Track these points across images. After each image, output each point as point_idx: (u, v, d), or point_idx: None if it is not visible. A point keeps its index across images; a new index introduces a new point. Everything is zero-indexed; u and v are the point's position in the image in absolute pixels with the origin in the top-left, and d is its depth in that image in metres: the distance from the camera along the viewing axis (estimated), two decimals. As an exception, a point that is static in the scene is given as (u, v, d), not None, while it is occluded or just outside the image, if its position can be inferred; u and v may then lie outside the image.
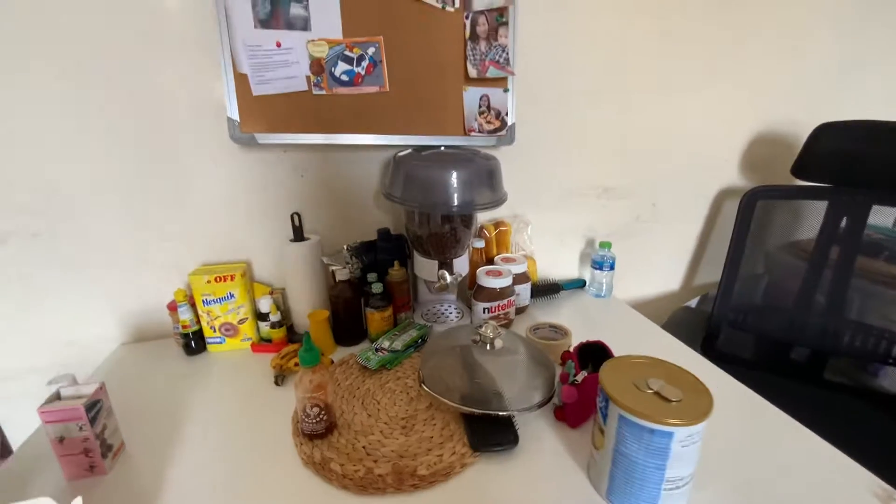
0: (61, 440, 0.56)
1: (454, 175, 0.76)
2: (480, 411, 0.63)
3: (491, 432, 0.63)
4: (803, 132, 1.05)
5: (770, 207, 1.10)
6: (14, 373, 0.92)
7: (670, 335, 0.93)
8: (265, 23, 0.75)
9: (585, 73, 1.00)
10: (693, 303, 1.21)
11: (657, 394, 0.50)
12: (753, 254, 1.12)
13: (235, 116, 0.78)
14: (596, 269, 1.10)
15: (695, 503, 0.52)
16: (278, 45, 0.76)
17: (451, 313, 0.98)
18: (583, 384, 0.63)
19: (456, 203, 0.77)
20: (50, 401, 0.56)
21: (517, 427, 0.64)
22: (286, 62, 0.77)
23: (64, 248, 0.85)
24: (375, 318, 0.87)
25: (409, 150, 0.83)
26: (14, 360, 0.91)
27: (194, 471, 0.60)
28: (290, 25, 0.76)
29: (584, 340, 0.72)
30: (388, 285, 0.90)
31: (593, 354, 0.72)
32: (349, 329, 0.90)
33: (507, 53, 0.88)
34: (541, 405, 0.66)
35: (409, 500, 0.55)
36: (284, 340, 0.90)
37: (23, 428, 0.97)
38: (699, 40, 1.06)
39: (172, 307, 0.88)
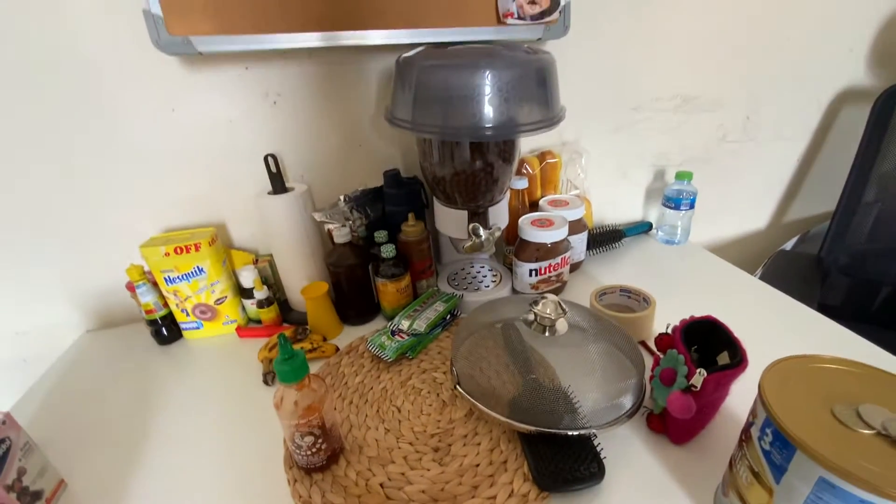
0: (-46, 499, 0.39)
1: (489, 79, 0.50)
2: (548, 430, 0.43)
3: (563, 459, 0.43)
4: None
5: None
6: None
7: (779, 292, 0.69)
8: None
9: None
10: (789, 245, 0.96)
11: (883, 434, 0.28)
12: (877, 175, 0.84)
13: (158, 10, 0.52)
14: (670, 207, 0.85)
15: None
16: None
17: (485, 277, 0.77)
18: (702, 390, 0.42)
19: (492, 124, 0.51)
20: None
21: (600, 449, 0.44)
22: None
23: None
24: (389, 290, 0.67)
25: (421, 49, 0.57)
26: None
27: (171, 488, 0.43)
28: None
29: (687, 317, 0.50)
30: (403, 246, 0.69)
31: (701, 335, 0.50)
32: (356, 304, 0.70)
33: None
34: (631, 415, 0.45)
35: (453, 576, 0.37)
36: (277, 321, 0.71)
37: None
38: None
39: (131, 288, 0.69)
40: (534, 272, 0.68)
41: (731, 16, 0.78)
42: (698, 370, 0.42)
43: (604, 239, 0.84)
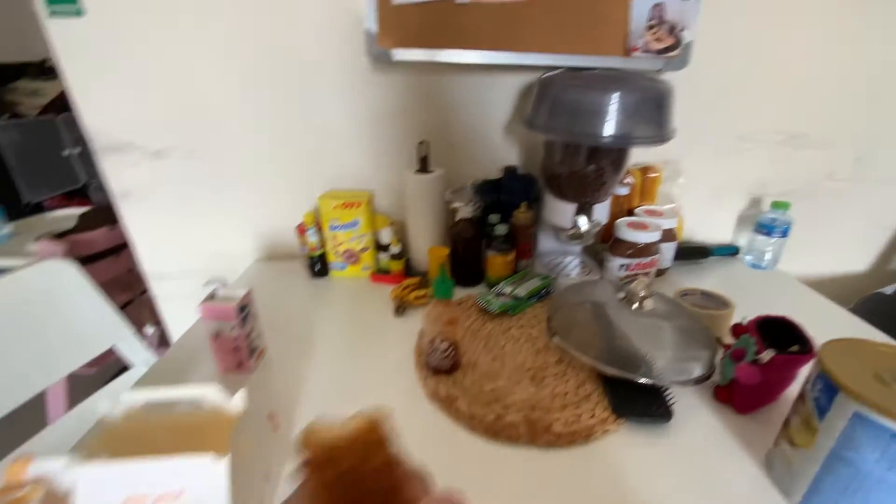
0: (216, 336, 0.60)
1: (614, 99, 0.63)
2: (628, 375, 0.54)
3: (638, 400, 0.54)
4: None
5: None
6: (172, 275, 1.04)
7: (870, 325, 0.73)
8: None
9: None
10: (890, 289, 0.95)
11: (918, 394, 0.36)
12: None
13: (374, 27, 0.72)
14: (762, 233, 0.90)
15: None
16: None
17: (574, 268, 0.88)
18: (768, 366, 0.51)
19: (611, 134, 0.64)
20: (207, 299, 0.60)
21: (671, 400, 0.54)
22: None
23: (212, 166, 0.91)
24: (497, 262, 0.81)
25: (560, 70, 0.71)
26: (173, 265, 1.03)
27: (325, 382, 0.61)
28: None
29: (764, 315, 0.58)
30: (513, 228, 0.83)
31: (776, 335, 0.57)
32: (467, 270, 0.85)
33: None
34: (699, 381, 0.55)
35: (545, 457, 0.49)
36: (402, 273, 0.89)
37: (175, 324, 1.13)
38: None
39: (301, 229, 0.90)
40: (623, 267, 0.79)
41: (852, 60, 0.83)
42: (767, 349, 0.51)
43: (690, 253, 0.91)
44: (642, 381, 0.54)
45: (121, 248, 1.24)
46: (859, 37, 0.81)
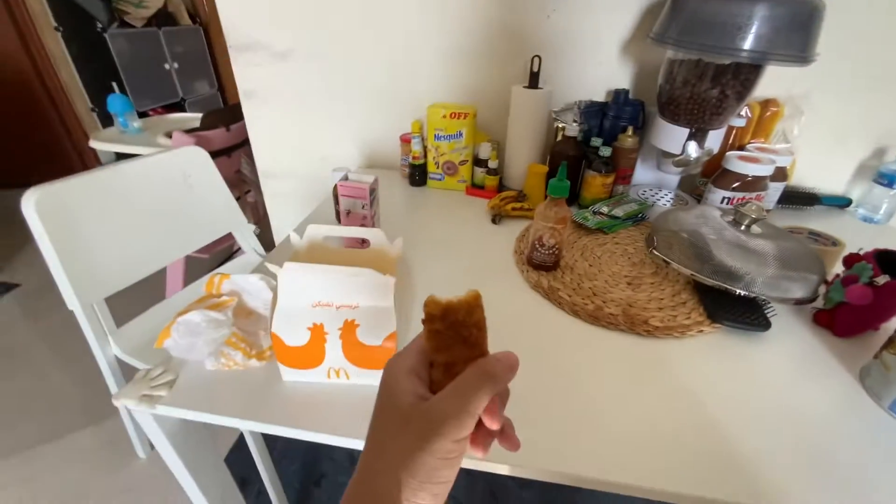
0: (348, 213, 0.69)
1: (759, 10, 0.60)
2: (727, 286, 0.57)
3: (736, 309, 0.57)
4: None
5: None
6: (280, 174, 1.15)
7: None
8: None
9: None
10: None
11: None
12: None
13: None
14: (881, 184, 0.85)
15: None
16: None
17: (667, 201, 0.88)
18: (881, 290, 0.51)
19: (751, 48, 0.62)
20: (342, 179, 0.68)
21: (771, 315, 0.57)
22: None
23: (331, 70, 0.97)
24: (595, 183, 0.83)
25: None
26: (282, 165, 1.14)
27: (431, 273, 0.68)
28: None
29: (882, 248, 0.58)
30: (616, 151, 0.84)
31: (891, 267, 0.57)
32: (562, 190, 0.88)
33: None
34: (800, 302, 0.57)
35: (641, 343, 0.55)
36: (496, 188, 0.93)
37: (279, 221, 1.26)
38: None
39: (406, 139, 0.96)
40: (726, 200, 0.78)
41: None
42: (884, 274, 0.51)
43: (798, 198, 0.88)
44: (741, 292, 0.56)
45: (233, 148, 1.37)
46: None
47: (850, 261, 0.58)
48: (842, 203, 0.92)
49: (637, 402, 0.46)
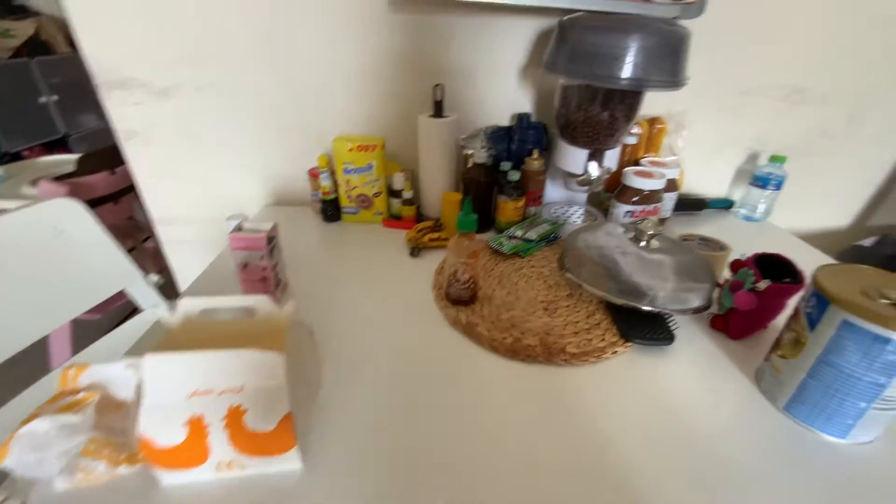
0: (245, 266, 0.62)
1: (634, 42, 0.65)
2: (634, 304, 0.59)
3: (644, 326, 0.59)
4: None
5: None
6: (178, 220, 1.04)
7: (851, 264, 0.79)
8: None
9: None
10: (868, 242, 1.02)
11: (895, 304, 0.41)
12: None
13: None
14: (757, 186, 0.95)
15: (894, 430, 0.46)
16: None
17: (578, 217, 0.92)
18: (764, 294, 0.56)
19: (629, 76, 0.66)
20: (235, 230, 0.61)
21: (674, 327, 0.59)
22: None
23: (223, 105, 0.90)
24: (508, 207, 0.84)
25: (581, 13, 0.72)
26: (179, 209, 1.03)
27: (346, 315, 0.64)
28: None
29: (761, 251, 0.63)
30: (524, 175, 0.85)
31: (772, 270, 0.62)
32: (478, 215, 0.87)
33: None
34: (698, 311, 0.60)
35: (560, 373, 0.54)
36: (414, 218, 0.91)
37: (182, 270, 1.14)
38: None
39: (314, 173, 0.91)
40: (629, 213, 0.83)
41: (854, 18, 0.85)
42: (764, 279, 0.56)
43: (688, 204, 0.96)
44: (647, 309, 0.59)
45: (121, 193, 1.22)
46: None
47: (735, 266, 0.63)
48: (726, 205, 1.02)
49: (555, 436, 0.45)
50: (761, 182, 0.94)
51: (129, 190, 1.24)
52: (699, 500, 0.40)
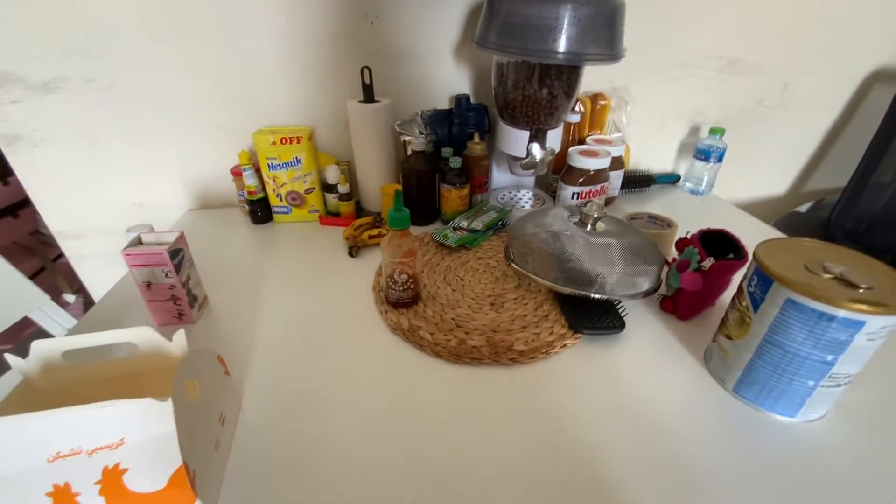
0: (149, 285, 0.54)
1: (567, 13, 0.60)
2: (582, 292, 0.56)
3: (593, 315, 0.57)
4: None
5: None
6: (87, 233, 0.92)
7: (791, 238, 0.80)
8: None
9: None
10: (804, 208, 1.05)
11: (839, 279, 0.40)
12: (891, 158, 0.92)
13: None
14: (700, 159, 0.94)
15: (843, 404, 0.45)
16: None
17: (527, 201, 0.88)
18: (710, 272, 0.54)
19: (564, 50, 0.62)
20: (132, 245, 0.53)
21: (623, 313, 0.57)
22: None
23: (123, 100, 0.79)
24: (452, 197, 0.79)
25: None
26: (85, 220, 0.91)
27: (279, 327, 0.58)
28: None
29: (705, 228, 0.62)
30: (467, 160, 0.80)
31: (715, 246, 0.61)
32: (422, 206, 0.82)
33: None
34: (647, 294, 0.58)
35: (508, 373, 0.51)
36: (353, 214, 0.84)
37: (99, 287, 1.02)
38: None
39: (237, 172, 0.82)
40: (576, 195, 0.80)
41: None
42: (709, 257, 0.54)
43: (636, 181, 0.94)
44: (596, 296, 0.56)
45: (19, 206, 1.07)
46: None
47: (681, 245, 0.61)
48: (672, 179, 1.01)
49: (506, 443, 0.42)
50: (703, 155, 0.93)
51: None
52: (654, 487, 0.38)
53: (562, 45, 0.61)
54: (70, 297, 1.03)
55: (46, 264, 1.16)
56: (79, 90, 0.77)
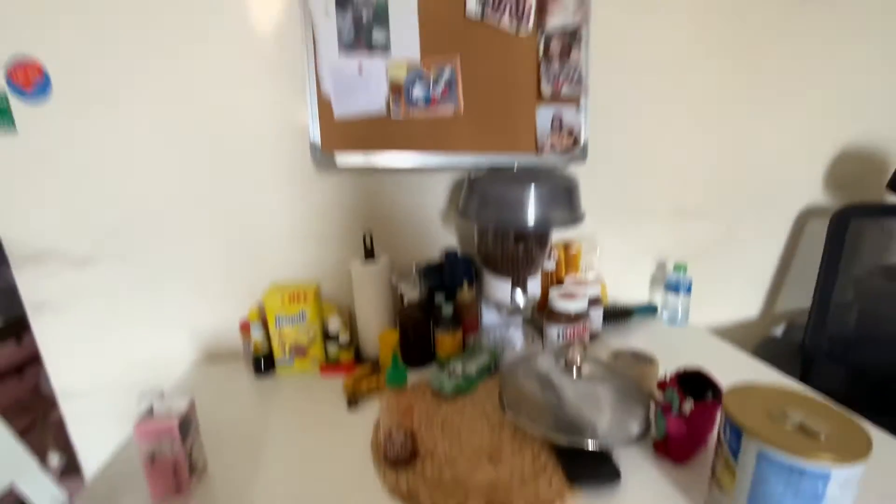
0: (153, 459, 0.55)
1: (531, 192, 0.74)
2: (575, 442, 0.58)
3: (589, 465, 0.58)
4: (892, 147, 0.98)
5: (863, 228, 1.02)
6: (86, 391, 0.94)
7: (767, 365, 0.85)
8: (349, 46, 0.78)
9: (657, 91, 0.98)
10: (778, 331, 1.12)
11: (800, 427, 0.44)
12: (845, 279, 1.03)
13: (317, 140, 0.80)
14: (671, 292, 1.04)
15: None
16: (360, 69, 0.79)
17: (518, 338, 0.94)
18: (691, 416, 0.57)
19: (533, 220, 0.74)
20: (143, 417, 0.56)
21: (617, 461, 0.58)
22: (367, 86, 0.79)
23: (147, 267, 0.89)
24: (446, 341, 0.85)
25: (485, 170, 0.83)
26: (91, 377, 0.93)
27: (275, 494, 0.57)
28: (370, 49, 0.78)
29: (681, 368, 0.66)
30: (457, 307, 0.88)
31: (693, 384, 0.65)
32: (418, 351, 0.87)
33: (580, 72, 0.87)
34: (638, 439, 0.60)
35: (510, 539, 0.50)
36: (352, 362, 0.88)
37: (89, 447, 0.99)
38: (773, 55, 1.02)
39: (245, 327, 0.88)
40: (561, 335, 0.86)
41: (706, 147, 1.05)
42: (688, 398, 0.58)
43: (616, 315, 1.02)
44: (589, 445, 0.58)
45: (25, 365, 1.10)
46: (720, 126, 1.04)
47: (661, 387, 0.65)
48: (650, 310, 1.09)
49: None
50: (673, 288, 1.03)
51: (36, 358, 1.13)
52: None
53: (531, 217, 0.74)
54: (53, 458, 0.99)
55: (37, 420, 1.14)
56: (111, 263, 0.87)
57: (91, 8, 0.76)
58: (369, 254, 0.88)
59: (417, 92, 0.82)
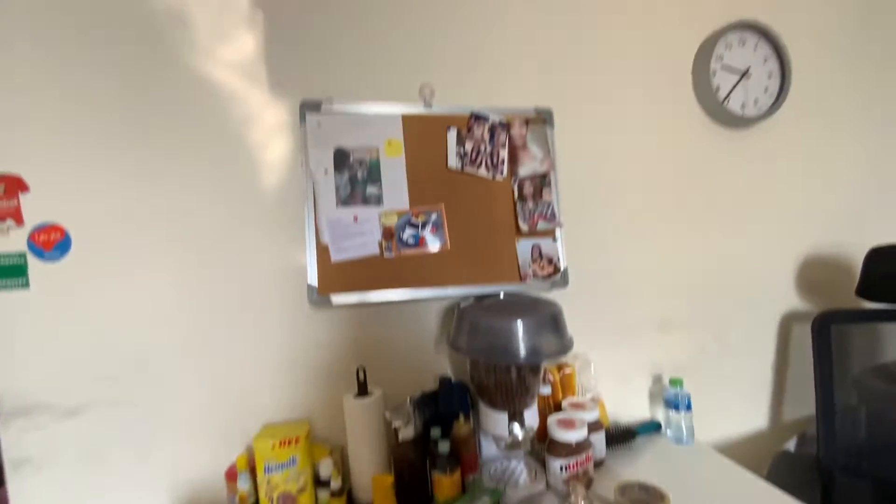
0: None
1: (519, 324, 0.78)
2: None
3: None
4: (854, 253, 1.05)
5: (846, 333, 1.04)
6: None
7: (783, 493, 0.80)
8: (345, 201, 0.88)
9: (628, 215, 1.08)
10: (791, 444, 1.07)
11: None
12: (844, 381, 1.03)
13: (315, 282, 0.86)
14: (671, 409, 1.02)
15: None
16: (355, 219, 0.87)
17: (520, 473, 0.89)
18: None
19: (523, 353, 0.76)
20: None
21: None
22: (362, 232, 0.87)
23: (137, 412, 0.87)
24: (444, 483, 0.80)
25: (472, 300, 0.87)
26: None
27: None
28: (365, 202, 0.88)
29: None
30: (454, 441, 0.85)
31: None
32: (414, 494, 0.82)
33: (553, 208, 0.97)
34: None
35: None
36: (345, 511, 0.82)
37: None
38: (732, 171, 1.14)
39: (231, 475, 0.84)
40: (564, 468, 0.82)
41: (678, 262, 1.11)
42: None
43: (619, 437, 0.98)
44: None
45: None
46: (692, 238, 1.12)
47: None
48: (654, 428, 1.06)
49: None
50: (673, 405, 1.01)
51: None
52: None
53: (521, 349, 0.76)
54: None
55: None
56: (100, 413, 0.85)
57: (112, 169, 0.85)
58: (363, 388, 0.87)
59: (408, 234, 0.90)
